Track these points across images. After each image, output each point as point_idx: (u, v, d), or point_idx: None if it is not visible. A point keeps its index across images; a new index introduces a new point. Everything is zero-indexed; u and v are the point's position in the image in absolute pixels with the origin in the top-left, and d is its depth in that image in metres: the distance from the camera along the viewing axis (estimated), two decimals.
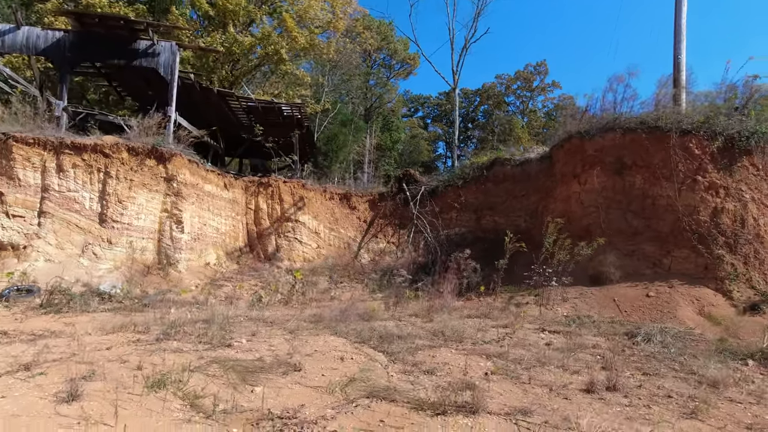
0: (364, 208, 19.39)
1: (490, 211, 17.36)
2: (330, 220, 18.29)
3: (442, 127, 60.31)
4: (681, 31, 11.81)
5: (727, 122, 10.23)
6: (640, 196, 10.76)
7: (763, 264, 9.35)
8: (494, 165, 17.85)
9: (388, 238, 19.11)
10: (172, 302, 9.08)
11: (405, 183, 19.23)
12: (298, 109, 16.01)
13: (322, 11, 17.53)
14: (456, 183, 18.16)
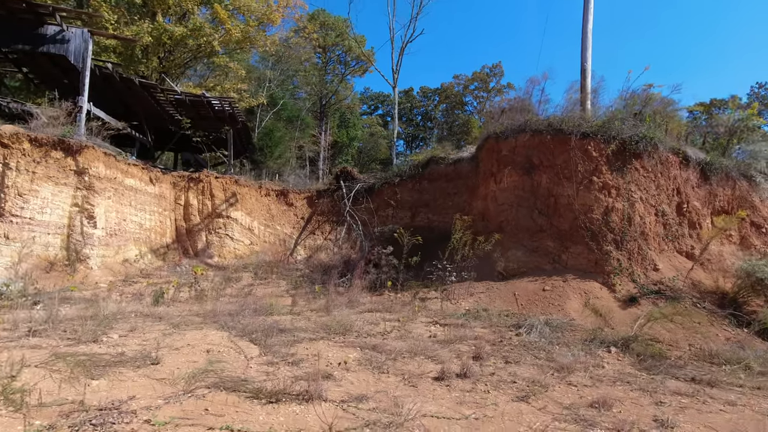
0: (302, 204, 19.38)
1: (424, 209, 17.74)
2: (266, 217, 18.17)
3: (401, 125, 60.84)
4: (587, 41, 12.52)
5: (620, 127, 10.94)
6: (545, 194, 11.33)
7: (644, 259, 10.09)
8: (430, 163, 18.24)
9: (326, 235, 19.19)
10: (69, 299, 8.81)
11: (343, 180, 19.38)
12: (229, 104, 15.77)
13: (257, 2, 17.27)
14: (393, 181, 18.43)
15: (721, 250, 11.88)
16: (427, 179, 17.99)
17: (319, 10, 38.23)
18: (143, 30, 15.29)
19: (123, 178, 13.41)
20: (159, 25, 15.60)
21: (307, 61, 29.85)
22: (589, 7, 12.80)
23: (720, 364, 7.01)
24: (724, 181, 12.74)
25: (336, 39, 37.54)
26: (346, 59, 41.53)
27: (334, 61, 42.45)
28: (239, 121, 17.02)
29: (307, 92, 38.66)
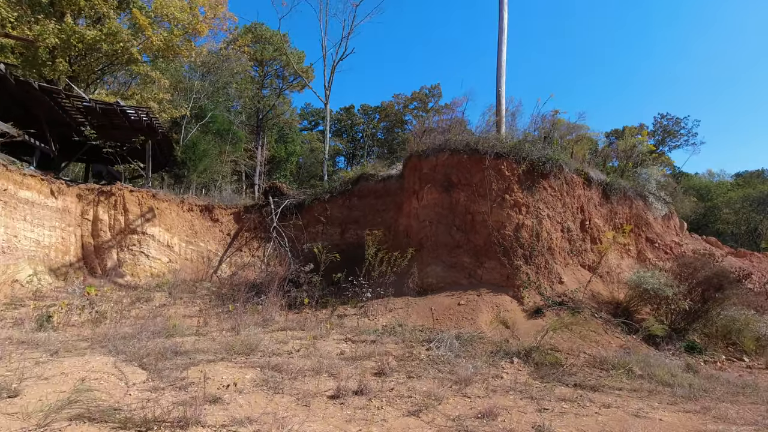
0: (228, 220, 18.66)
1: (354, 225, 17.71)
2: (188, 233, 17.25)
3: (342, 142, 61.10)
4: (501, 67, 13.39)
5: (530, 149, 11.69)
6: (463, 212, 11.76)
7: (551, 273, 10.75)
8: (360, 180, 18.34)
9: (253, 252, 18.58)
10: None
11: (272, 196, 18.95)
12: (146, 113, 14.94)
13: (182, 12, 16.69)
14: (323, 197, 18.29)
15: (621, 263, 12.96)
16: (357, 196, 18.06)
17: (256, 23, 37.79)
18: (48, 30, 14.17)
19: (16, 190, 12.16)
20: (67, 27, 14.54)
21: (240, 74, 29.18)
22: (503, 38, 13.72)
23: (608, 369, 7.55)
24: (623, 201, 13.98)
25: (273, 53, 37.21)
26: (283, 74, 41.24)
27: (272, 75, 41.99)
28: (159, 132, 16.15)
29: (243, 105, 37.77)
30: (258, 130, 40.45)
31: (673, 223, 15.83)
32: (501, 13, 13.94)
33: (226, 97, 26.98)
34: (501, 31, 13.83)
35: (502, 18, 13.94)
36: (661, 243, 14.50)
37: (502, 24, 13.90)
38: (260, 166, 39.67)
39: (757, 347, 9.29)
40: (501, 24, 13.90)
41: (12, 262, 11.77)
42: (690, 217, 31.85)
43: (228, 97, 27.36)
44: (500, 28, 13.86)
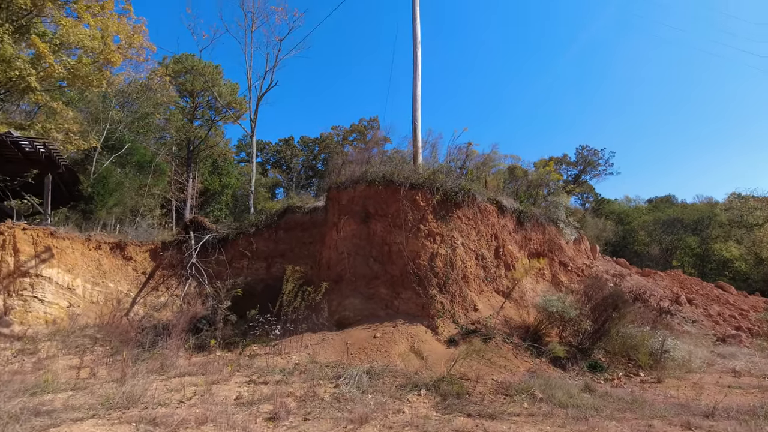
0: (144, 258, 17.38)
1: (280, 259, 17.17)
2: (94, 274, 15.81)
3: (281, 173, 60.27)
4: (417, 102, 13.97)
5: (444, 179, 12.08)
6: (380, 242, 11.78)
7: (465, 301, 10.95)
8: (287, 212, 17.97)
9: (172, 291, 17.35)
10: None
11: (193, 230, 18.02)
12: (44, 145, 13.80)
13: (92, 40, 15.89)
14: (248, 231, 17.67)
15: (536, 287, 13.51)
16: (283, 228, 17.66)
17: (187, 54, 37.06)
18: None
19: None
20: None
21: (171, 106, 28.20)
22: (417, 75, 14.37)
23: (512, 394, 7.63)
24: (537, 227, 14.75)
25: (205, 84, 36.44)
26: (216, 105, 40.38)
27: (204, 106, 40.96)
28: (60, 165, 14.94)
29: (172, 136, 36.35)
30: (189, 161, 38.93)
31: (584, 247, 16.89)
32: (415, 51, 14.64)
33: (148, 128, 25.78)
34: (415, 67, 14.49)
35: (416, 56, 14.63)
36: (573, 266, 15.35)
37: (416, 61, 14.58)
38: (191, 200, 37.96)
39: (651, 362, 9.89)
40: (415, 61, 14.58)
41: None
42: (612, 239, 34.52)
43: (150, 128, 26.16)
44: (414, 65, 14.53)
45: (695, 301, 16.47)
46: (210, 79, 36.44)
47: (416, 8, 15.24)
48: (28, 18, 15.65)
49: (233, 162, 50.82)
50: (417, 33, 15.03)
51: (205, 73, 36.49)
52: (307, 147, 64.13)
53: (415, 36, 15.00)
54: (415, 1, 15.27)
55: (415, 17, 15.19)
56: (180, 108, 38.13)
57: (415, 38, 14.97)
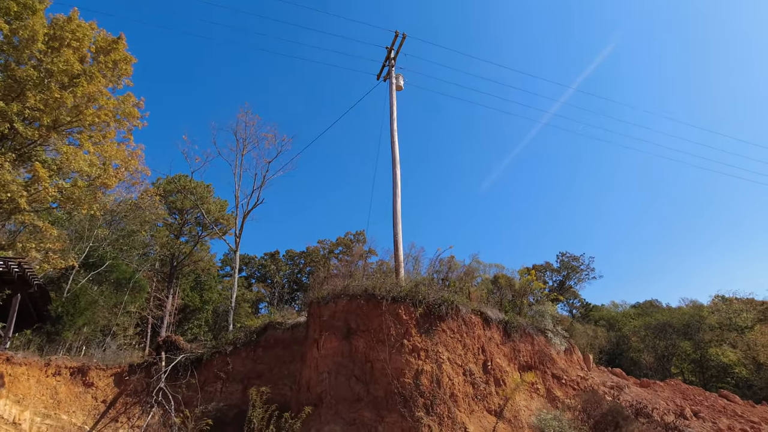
0: (107, 383, 15.96)
1: (257, 380, 15.97)
2: (47, 404, 14.30)
3: (265, 288, 59.22)
4: (397, 216, 14.48)
5: (426, 291, 11.95)
6: (362, 360, 11.16)
7: (455, 423, 10.03)
8: (267, 329, 17.28)
9: (134, 422, 15.61)
10: None
11: (165, 350, 16.93)
12: (18, 264, 13.54)
13: (90, 166, 16.71)
14: (225, 350, 16.74)
15: (530, 404, 12.58)
16: (262, 347, 16.82)
17: (180, 174, 38.97)
18: None
19: None
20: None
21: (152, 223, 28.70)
22: (397, 192, 15.12)
23: None
24: (525, 338, 14.28)
25: (195, 202, 37.66)
26: (203, 221, 41.22)
27: (192, 223, 41.77)
28: (33, 284, 14.51)
29: (156, 252, 36.34)
30: (171, 277, 38.30)
31: (576, 357, 16.23)
32: (394, 170, 15.63)
33: (132, 245, 25.83)
34: (395, 185, 15.32)
35: (395, 174, 15.58)
36: (567, 379, 14.55)
37: (395, 179, 15.46)
38: (168, 317, 36.47)
39: None
40: (395, 179, 15.47)
41: None
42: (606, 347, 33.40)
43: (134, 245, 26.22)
44: (394, 183, 15.37)
45: (701, 414, 15.41)
46: (200, 197, 37.83)
47: (394, 133, 16.68)
48: (31, 147, 16.57)
49: (217, 277, 50.15)
50: (395, 154, 16.22)
51: (196, 192, 38.01)
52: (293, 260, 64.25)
53: (393, 156, 16.15)
54: (393, 126, 16.77)
55: (393, 140, 16.53)
56: (167, 225, 38.82)
57: (394, 158, 16.10)
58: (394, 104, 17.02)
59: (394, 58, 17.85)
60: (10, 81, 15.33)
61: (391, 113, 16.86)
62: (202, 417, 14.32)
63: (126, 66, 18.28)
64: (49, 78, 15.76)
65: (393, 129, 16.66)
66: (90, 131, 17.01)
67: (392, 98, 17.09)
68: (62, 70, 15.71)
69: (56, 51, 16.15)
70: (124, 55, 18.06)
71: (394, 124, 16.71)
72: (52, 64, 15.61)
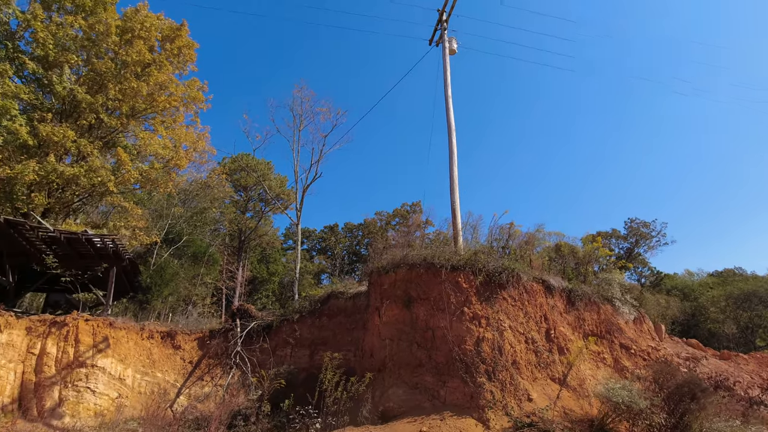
0: (192, 347, 17.66)
1: (323, 346, 16.93)
2: (145, 363, 16.15)
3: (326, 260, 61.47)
4: (454, 184, 14.31)
5: (486, 260, 11.86)
6: (423, 327, 11.42)
7: (517, 390, 10.08)
8: (330, 298, 18.03)
9: (216, 381, 17.25)
10: None
11: (239, 318, 18.32)
12: (112, 240, 15.13)
13: (164, 149, 18.10)
14: (292, 318, 17.75)
15: (596, 373, 12.29)
16: (326, 315, 17.62)
17: (242, 153, 40.91)
18: (29, 169, 15.04)
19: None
20: (48, 165, 15.49)
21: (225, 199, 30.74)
22: (453, 159, 14.91)
23: None
24: (589, 306, 13.83)
25: (257, 179, 39.57)
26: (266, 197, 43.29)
27: (255, 199, 44.01)
28: (125, 258, 16.19)
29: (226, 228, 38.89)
30: (239, 251, 40.90)
31: (646, 327, 15.49)
32: (450, 138, 15.37)
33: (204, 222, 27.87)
34: (451, 152, 15.10)
35: (451, 142, 15.33)
36: (636, 349, 13.99)
37: (451, 146, 15.23)
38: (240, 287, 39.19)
39: None
40: (451, 146, 15.23)
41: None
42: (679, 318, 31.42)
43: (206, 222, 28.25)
44: (450, 150, 15.15)
45: None
46: (261, 174, 39.59)
47: (449, 99, 16.29)
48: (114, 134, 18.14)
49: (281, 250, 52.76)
50: (451, 121, 15.89)
51: (258, 169, 39.81)
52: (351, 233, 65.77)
53: (449, 123, 15.85)
54: (448, 92, 16.38)
55: (448, 106, 16.18)
56: (234, 201, 41.22)
57: (449, 125, 15.81)
58: (447, 69, 16.55)
59: (446, 20, 17.22)
60: (93, 74, 16.72)
61: (445, 79, 16.44)
62: (276, 378, 15.54)
63: (189, 52, 19.23)
64: (125, 69, 17.00)
65: (447, 95, 16.27)
66: (162, 117, 18.28)
67: (446, 63, 16.62)
68: (135, 61, 16.86)
69: (129, 43, 17.30)
70: (187, 41, 18.98)
71: (448, 90, 16.31)
72: (126, 56, 16.79)
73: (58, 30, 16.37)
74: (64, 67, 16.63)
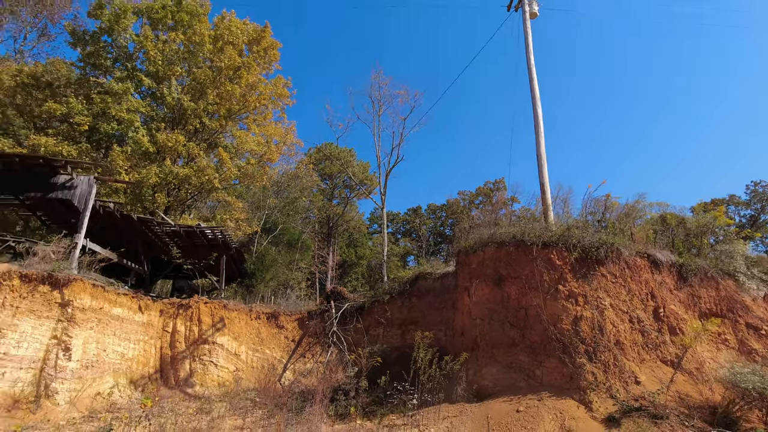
0: (293, 327, 19.20)
1: (413, 326, 17.34)
2: (254, 341, 17.95)
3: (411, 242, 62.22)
4: (541, 157, 13.53)
5: (581, 235, 11.16)
6: (515, 306, 11.17)
7: (622, 371, 9.44)
8: (418, 279, 18.33)
9: (317, 358, 18.60)
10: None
11: (333, 300, 19.43)
12: (221, 232, 16.89)
13: (258, 145, 19.65)
14: (382, 299, 18.38)
15: (717, 356, 11.07)
16: (415, 295, 17.96)
17: (326, 143, 42.69)
18: (151, 173, 17.31)
19: (110, 308, 13.86)
20: (166, 168, 17.67)
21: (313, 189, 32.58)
22: (540, 131, 14.09)
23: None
24: (706, 282, 12.39)
25: (341, 167, 41.18)
26: (350, 183, 44.91)
27: (340, 186, 45.88)
28: (232, 247, 17.98)
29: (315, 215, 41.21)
30: (329, 237, 43.10)
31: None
32: (534, 108, 14.53)
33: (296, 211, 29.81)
34: (537, 124, 14.28)
35: (536, 112, 14.49)
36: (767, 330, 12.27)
37: (537, 117, 14.40)
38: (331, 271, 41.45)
39: None
40: (536, 117, 14.40)
41: (98, 376, 12.98)
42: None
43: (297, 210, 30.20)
44: (536, 122, 14.34)
45: None
46: (345, 162, 41.05)
47: (531, 66, 15.38)
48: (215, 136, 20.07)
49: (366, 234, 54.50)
50: (535, 90, 15.01)
51: (341, 157, 41.34)
52: (435, 214, 65.61)
53: (533, 92, 14.99)
54: (530, 59, 15.45)
55: (531, 74, 15.28)
56: (321, 190, 43.41)
57: (533, 94, 14.95)
58: (529, 34, 15.57)
59: None
60: (194, 83, 18.56)
61: (527, 45, 15.49)
62: (371, 356, 16.31)
63: (273, 51, 20.44)
64: (219, 74, 18.61)
65: (530, 63, 15.35)
66: (254, 115, 19.77)
67: (526, 28, 15.64)
68: (228, 66, 18.38)
69: (221, 50, 18.88)
70: (271, 42, 20.18)
71: (530, 57, 15.37)
72: (219, 62, 18.37)
73: (164, 47, 18.39)
74: (172, 80, 18.69)
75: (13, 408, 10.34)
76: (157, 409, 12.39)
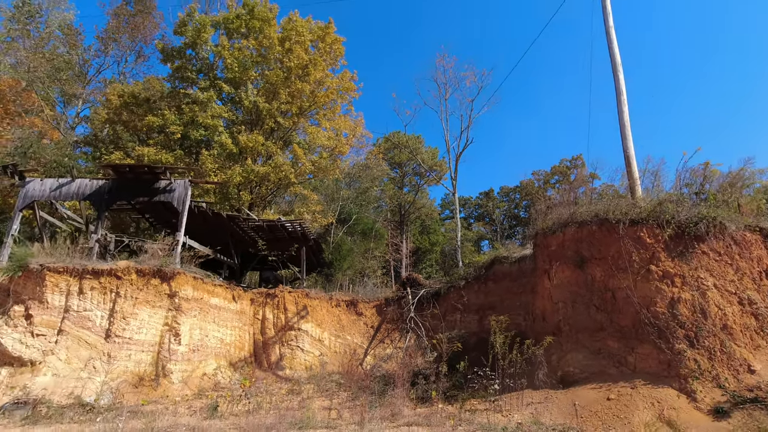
0: (371, 313, 19.80)
1: (491, 311, 17.01)
2: (336, 327, 18.83)
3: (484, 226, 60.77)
4: (625, 128, 12.39)
5: (675, 210, 10.15)
6: (601, 289, 10.51)
7: (731, 359, 8.47)
8: (494, 264, 17.94)
9: (395, 344, 19.03)
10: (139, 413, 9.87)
11: (409, 286, 19.67)
12: (299, 224, 17.85)
13: (329, 140, 20.40)
14: (458, 284, 18.28)
15: None
16: (492, 280, 17.61)
17: (394, 132, 42.92)
18: (236, 173, 18.76)
19: (208, 298, 15.35)
20: (248, 167, 19.02)
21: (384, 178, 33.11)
22: (622, 99, 12.92)
23: None
24: None
25: (410, 155, 41.25)
26: (420, 171, 44.84)
27: (410, 174, 45.96)
28: (310, 239, 18.94)
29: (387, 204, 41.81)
30: (401, 224, 43.55)
31: None
32: (616, 75, 13.32)
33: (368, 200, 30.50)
34: (619, 92, 13.10)
35: (618, 80, 13.28)
36: None
37: (619, 85, 13.20)
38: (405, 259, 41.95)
39: None
40: (618, 85, 13.21)
41: (203, 358, 14.48)
42: None
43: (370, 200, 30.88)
44: (618, 90, 13.15)
45: None
46: (414, 149, 41.00)
47: (611, 30, 14.12)
48: (288, 133, 21.15)
49: (439, 221, 54.16)
50: (615, 55, 13.78)
51: (410, 145, 41.34)
52: (508, 197, 63.37)
53: (613, 59, 13.77)
54: (609, 22, 14.19)
55: (611, 39, 14.04)
56: (391, 178, 43.87)
57: (614, 61, 13.74)
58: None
59: None
60: (267, 85, 19.64)
61: (604, 6, 14.23)
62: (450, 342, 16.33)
63: (338, 46, 20.93)
64: (289, 74, 19.49)
65: (609, 26, 14.09)
66: (323, 110, 20.47)
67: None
68: (296, 65, 19.17)
69: (289, 51, 19.74)
70: (335, 37, 20.68)
71: (609, 19, 14.10)
72: (289, 62, 19.23)
73: (239, 54, 19.66)
74: (248, 84, 19.97)
75: (139, 384, 11.93)
76: (253, 389, 13.53)
